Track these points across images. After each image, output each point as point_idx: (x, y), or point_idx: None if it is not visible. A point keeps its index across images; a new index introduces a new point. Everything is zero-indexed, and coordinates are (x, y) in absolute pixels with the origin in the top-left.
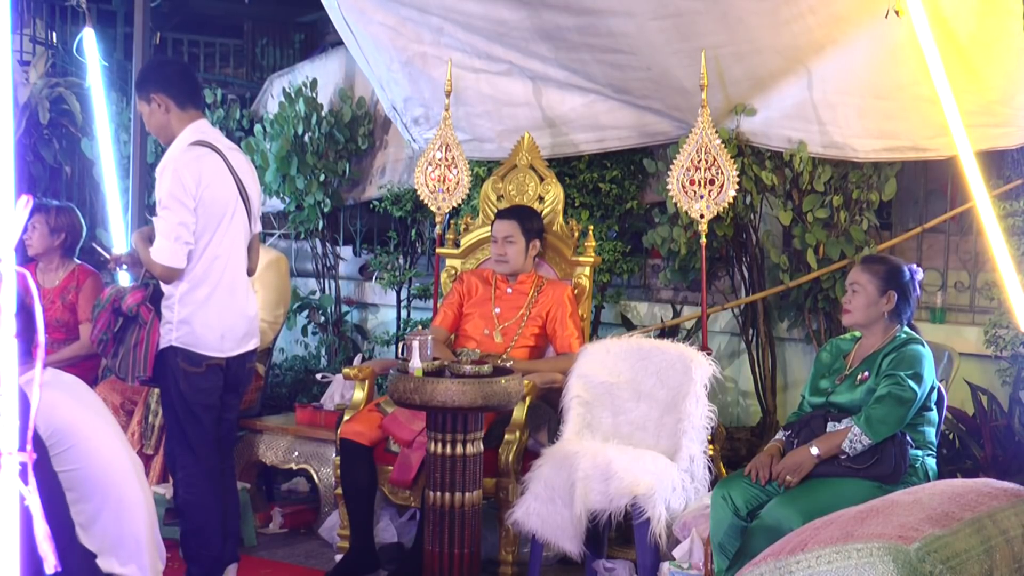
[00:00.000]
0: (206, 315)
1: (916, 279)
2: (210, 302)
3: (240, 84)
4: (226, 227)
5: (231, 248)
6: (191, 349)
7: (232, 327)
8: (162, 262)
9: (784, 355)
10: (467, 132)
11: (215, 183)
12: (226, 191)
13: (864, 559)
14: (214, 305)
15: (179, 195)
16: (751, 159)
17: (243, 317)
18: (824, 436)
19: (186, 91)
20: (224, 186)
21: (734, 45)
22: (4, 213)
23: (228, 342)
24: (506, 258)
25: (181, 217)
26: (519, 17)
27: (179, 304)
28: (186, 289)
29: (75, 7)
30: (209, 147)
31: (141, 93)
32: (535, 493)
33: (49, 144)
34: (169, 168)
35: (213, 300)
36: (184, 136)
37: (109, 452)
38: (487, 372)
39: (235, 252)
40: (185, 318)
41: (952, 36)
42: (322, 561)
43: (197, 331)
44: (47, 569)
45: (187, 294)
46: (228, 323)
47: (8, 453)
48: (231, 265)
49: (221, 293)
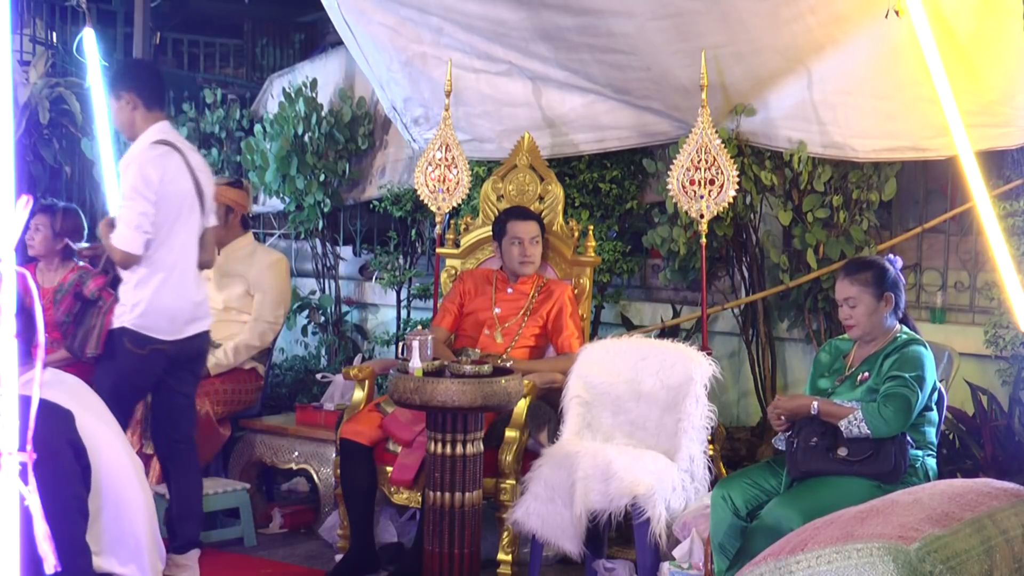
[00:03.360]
0: (158, 300)
1: (898, 268)
2: (163, 288)
3: (240, 84)
4: (184, 220)
5: (185, 240)
6: (140, 331)
7: (180, 312)
8: (121, 247)
9: (784, 355)
10: (467, 132)
11: (175, 180)
12: (184, 187)
13: (864, 559)
14: (166, 291)
15: (141, 188)
16: (751, 159)
17: (191, 303)
18: (830, 401)
19: (155, 94)
20: (182, 183)
21: (734, 45)
22: (4, 213)
23: (175, 325)
24: (532, 258)
25: (142, 208)
26: (519, 17)
27: (134, 288)
28: (143, 275)
29: (75, 7)
30: (171, 146)
31: (113, 89)
32: (535, 493)
33: (49, 144)
34: (134, 164)
35: (166, 287)
36: (148, 134)
37: (109, 452)
38: (487, 372)
39: (189, 243)
40: (138, 301)
41: (952, 36)
42: (322, 561)
43: (148, 314)
44: (47, 569)
45: (143, 280)
46: (177, 308)
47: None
48: (184, 255)
49: (173, 280)
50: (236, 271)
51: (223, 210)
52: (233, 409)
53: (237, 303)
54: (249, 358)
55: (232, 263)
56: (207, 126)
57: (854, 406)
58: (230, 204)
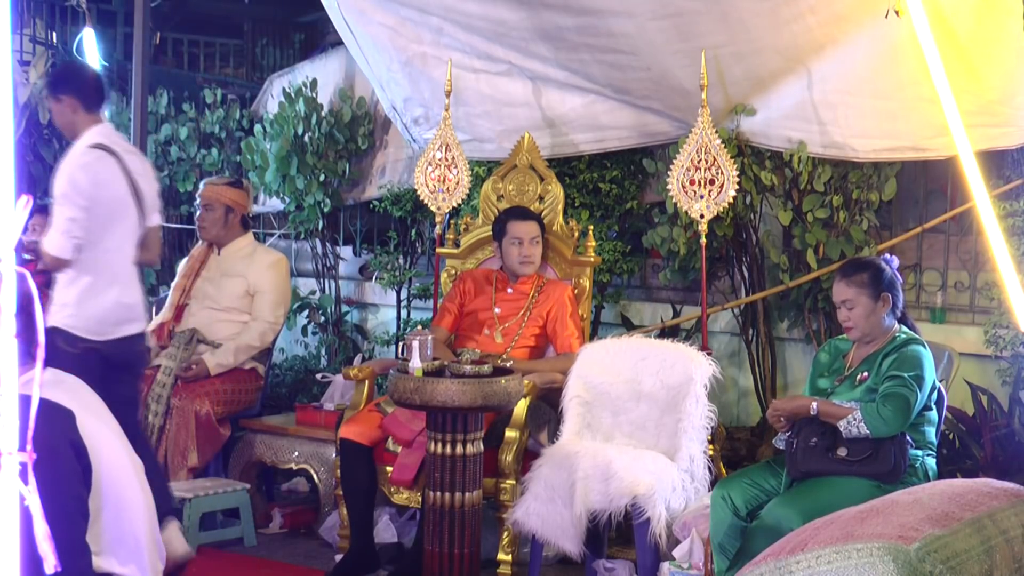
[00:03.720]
0: (86, 301)
1: (895, 267)
2: (91, 290)
3: (240, 84)
4: (118, 224)
5: (120, 243)
6: (70, 331)
7: (110, 313)
8: (52, 252)
9: (784, 355)
10: (467, 132)
11: (108, 184)
12: (118, 192)
13: (864, 559)
14: (94, 293)
15: (71, 194)
16: (751, 159)
17: (122, 305)
18: (829, 402)
19: (94, 97)
20: (117, 187)
21: (734, 45)
22: (4, 213)
23: (105, 327)
24: (532, 259)
25: (71, 213)
26: (519, 17)
27: (64, 289)
28: (71, 276)
29: (75, 7)
30: (107, 150)
31: (53, 92)
32: (535, 493)
33: (49, 144)
34: (66, 168)
35: (94, 289)
36: (86, 138)
37: (110, 452)
38: (487, 372)
39: (123, 247)
40: (67, 302)
41: (952, 36)
42: (322, 561)
43: (78, 315)
44: (47, 569)
45: (71, 280)
46: (105, 310)
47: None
48: (117, 258)
49: (102, 283)
50: (236, 271)
51: (223, 210)
52: (233, 409)
53: (237, 303)
54: (249, 358)
55: (232, 263)
56: (207, 126)
57: (853, 406)
58: (230, 204)
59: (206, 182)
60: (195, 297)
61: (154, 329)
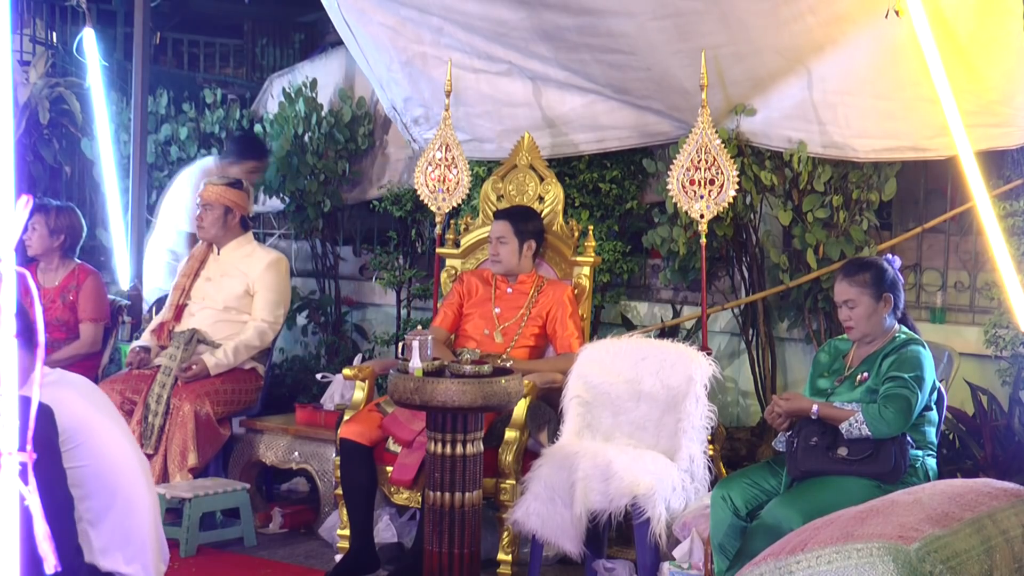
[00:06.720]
0: None
1: (897, 268)
2: None
3: (240, 84)
4: None
5: None
6: None
7: None
8: None
9: (784, 355)
10: (467, 132)
11: None
12: None
13: (864, 559)
14: None
15: None
16: (751, 159)
17: None
18: (830, 404)
19: None
20: None
21: (734, 45)
22: (4, 213)
23: None
24: (498, 258)
25: None
26: (519, 17)
27: None
28: None
29: (75, 7)
30: None
31: None
32: (535, 493)
33: (49, 144)
34: None
35: None
36: None
37: (117, 450)
38: (487, 372)
39: None
40: None
41: (952, 36)
42: (322, 561)
43: None
44: (47, 569)
45: None
46: None
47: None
48: None
49: None
50: (236, 271)
51: (222, 210)
52: (233, 409)
53: (237, 303)
54: (249, 358)
55: (232, 263)
56: (207, 126)
57: (855, 408)
58: (230, 204)
59: (206, 182)
60: (195, 297)
61: (154, 329)
